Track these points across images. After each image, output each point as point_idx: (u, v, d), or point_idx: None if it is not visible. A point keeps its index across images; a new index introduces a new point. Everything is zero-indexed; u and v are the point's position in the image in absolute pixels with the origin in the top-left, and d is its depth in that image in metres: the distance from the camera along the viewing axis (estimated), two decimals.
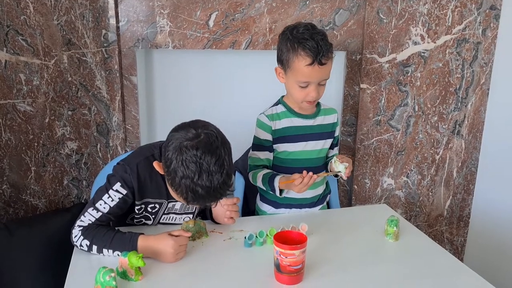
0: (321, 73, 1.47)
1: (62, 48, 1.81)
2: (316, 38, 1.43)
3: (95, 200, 1.33)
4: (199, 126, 1.23)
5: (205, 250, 1.35)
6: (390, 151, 2.16)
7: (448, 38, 2.06)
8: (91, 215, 1.31)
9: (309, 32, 1.45)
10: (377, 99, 2.07)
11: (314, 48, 1.42)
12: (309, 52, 1.43)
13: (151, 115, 2.14)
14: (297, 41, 1.44)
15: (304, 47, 1.43)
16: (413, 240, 1.45)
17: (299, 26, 1.48)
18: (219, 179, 1.18)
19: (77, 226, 1.30)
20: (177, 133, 1.22)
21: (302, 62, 1.44)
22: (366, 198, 2.21)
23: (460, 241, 2.41)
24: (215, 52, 1.99)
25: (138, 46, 1.87)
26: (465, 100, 2.17)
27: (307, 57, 1.43)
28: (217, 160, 1.18)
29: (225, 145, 1.23)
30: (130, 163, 1.35)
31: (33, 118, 1.87)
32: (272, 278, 1.20)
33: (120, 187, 1.33)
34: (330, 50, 1.46)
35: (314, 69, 1.44)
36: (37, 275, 1.69)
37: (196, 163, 1.16)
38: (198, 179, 1.17)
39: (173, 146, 1.20)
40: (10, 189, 1.92)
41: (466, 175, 2.29)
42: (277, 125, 1.59)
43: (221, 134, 1.25)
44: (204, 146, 1.17)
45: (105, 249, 1.26)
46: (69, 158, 1.94)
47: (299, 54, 1.44)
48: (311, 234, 1.40)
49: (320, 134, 1.63)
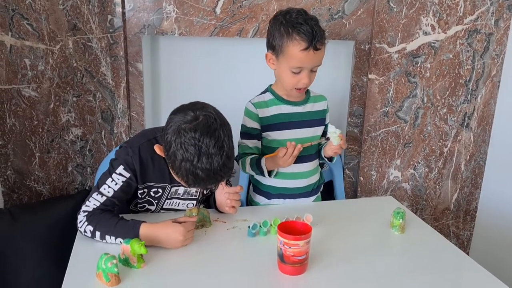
0: (315, 59, 1.46)
1: (67, 33, 1.80)
2: (311, 23, 1.41)
3: (99, 185, 1.33)
4: (197, 108, 1.21)
5: (208, 239, 1.34)
6: (397, 143, 2.14)
7: (460, 29, 2.02)
8: (96, 200, 1.31)
9: (303, 17, 1.43)
10: (385, 90, 2.04)
11: (309, 33, 1.40)
12: (304, 36, 1.40)
13: (156, 102, 2.12)
14: (291, 25, 1.42)
15: (299, 31, 1.41)
16: (419, 233, 1.43)
17: (291, 11, 1.46)
18: (219, 161, 1.17)
19: (82, 211, 1.30)
20: (175, 116, 1.21)
21: (297, 47, 1.42)
22: (372, 190, 2.19)
23: (466, 235, 2.38)
24: (222, 39, 1.96)
25: (144, 32, 1.84)
26: (475, 92, 2.13)
27: (302, 42, 1.41)
28: (216, 142, 1.17)
29: (224, 126, 1.21)
30: (132, 146, 1.35)
31: (37, 104, 1.86)
32: (275, 268, 1.19)
33: (123, 170, 1.32)
34: (324, 36, 1.45)
35: (309, 54, 1.43)
36: (40, 261, 1.69)
37: (195, 146, 1.15)
38: (197, 162, 1.16)
39: (172, 129, 1.19)
40: (14, 175, 1.91)
41: (474, 169, 2.26)
42: (265, 112, 1.59)
43: (220, 116, 1.24)
44: (202, 129, 1.16)
45: (108, 235, 1.25)
46: (74, 145, 1.93)
47: (294, 38, 1.42)
48: (316, 225, 1.38)
49: (309, 121, 1.61)
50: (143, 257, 1.19)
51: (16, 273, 1.65)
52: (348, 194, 2.18)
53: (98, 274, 1.11)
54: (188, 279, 1.15)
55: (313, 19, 1.44)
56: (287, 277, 1.16)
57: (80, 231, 1.30)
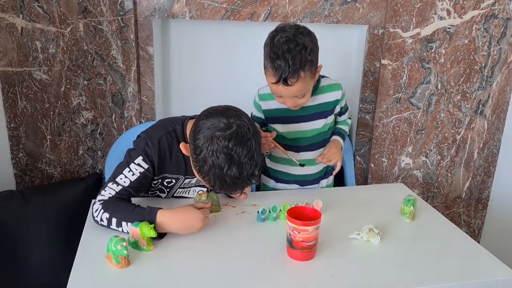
0: (289, 91, 1.40)
1: (78, 16, 1.79)
2: (288, 56, 1.33)
3: (116, 175, 1.31)
4: (231, 115, 1.19)
5: (217, 223, 1.34)
6: (409, 129, 2.11)
7: (476, 14, 1.97)
8: (111, 189, 1.29)
9: (286, 46, 1.34)
10: (398, 76, 2.01)
11: (281, 68, 1.34)
12: (274, 71, 1.36)
13: (167, 86, 2.12)
14: (270, 54, 1.37)
15: (272, 64, 1.36)
16: (429, 220, 1.42)
17: (282, 32, 1.37)
18: (248, 171, 1.17)
19: (97, 200, 1.29)
20: (207, 121, 1.19)
21: (269, 79, 1.41)
22: (383, 177, 2.17)
23: (477, 224, 2.36)
24: (233, 23, 1.94)
25: (154, 15, 1.83)
26: (490, 79, 2.09)
27: (273, 76, 1.38)
28: (248, 153, 1.16)
29: (256, 135, 1.20)
30: (152, 137, 1.33)
31: (49, 87, 1.86)
32: (284, 254, 1.19)
33: (141, 161, 1.31)
34: (302, 69, 1.35)
35: (279, 88, 1.40)
36: (51, 242, 1.71)
37: (227, 155, 1.14)
38: (228, 170, 1.15)
39: (204, 135, 1.17)
40: (26, 157, 1.93)
41: (487, 157, 2.23)
42: (268, 105, 1.58)
43: (252, 124, 1.22)
44: (236, 138, 1.15)
45: (124, 222, 1.23)
46: (85, 128, 1.94)
47: (268, 69, 1.40)
48: (326, 211, 1.37)
49: (315, 114, 1.57)
50: (152, 240, 1.20)
51: (27, 254, 1.67)
52: (359, 180, 2.16)
53: (108, 256, 1.12)
54: (197, 263, 1.15)
55: (296, 48, 1.34)
56: (296, 262, 1.16)
57: (96, 221, 1.28)
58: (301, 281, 1.11)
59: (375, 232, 1.27)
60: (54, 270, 1.69)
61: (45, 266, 1.70)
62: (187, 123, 1.36)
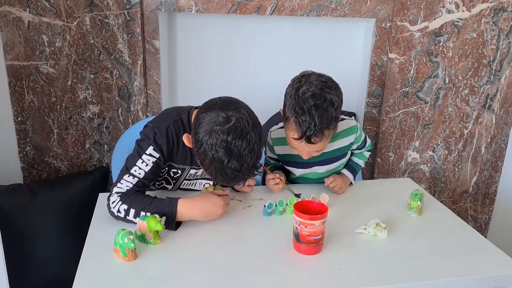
0: (310, 148, 1.33)
1: (84, 10, 1.79)
2: (314, 113, 1.26)
3: (129, 167, 1.30)
4: (230, 108, 1.18)
5: (224, 217, 1.34)
6: (416, 124, 2.10)
7: (485, 7, 1.95)
8: (128, 182, 1.29)
9: (313, 101, 1.26)
10: (405, 70, 2.00)
11: (306, 125, 1.27)
12: (298, 127, 1.28)
13: (173, 80, 2.11)
14: (295, 107, 1.28)
15: (296, 119, 1.28)
16: (437, 215, 1.41)
17: (308, 84, 1.29)
18: (249, 163, 1.17)
19: (115, 193, 1.28)
20: (207, 115, 1.19)
21: (290, 133, 1.33)
22: (389, 171, 2.16)
23: (484, 218, 2.35)
24: (239, 17, 1.93)
25: (160, 9, 1.82)
26: (498, 73, 2.07)
27: (295, 132, 1.30)
28: (247, 145, 1.15)
29: (256, 128, 1.19)
30: (160, 126, 1.33)
31: (55, 81, 1.86)
32: (290, 248, 1.18)
33: (153, 151, 1.31)
34: (327, 128, 1.29)
35: (301, 144, 1.32)
36: (58, 235, 1.72)
37: (226, 149, 1.14)
38: (228, 163, 1.15)
39: (204, 129, 1.17)
40: (33, 151, 1.94)
41: (495, 152, 2.22)
42: (282, 150, 1.53)
43: (252, 117, 1.21)
44: (234, 132, 1.15)
45: (143, 212, 1.23)
46: (91, 122, 1.94)
47: (290, 123, 1.31)
48: (332, 205, 1.37)
49: (330, 159, 1.52)
50: (159, 233, 1.20)
51: (34, 247, 1.68)
52: (365, 175, 2.15)
53: (115, 249, 1.12)
54: (203, 257, 1.15)
55: (323, 105, 1.26)
56: (302, 256, 1.16)
57: (111, 212, 1.27)
58: (307, 275, 1.11)
59: (382, 226, 1.27)
60: (62, 263, 1.70)
61: (53, 259, 1.71)
62: (193, 112, 1.35)
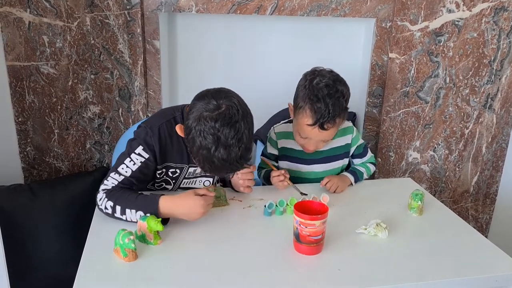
0: (322, 135, 1.43)
1: (85, 10, 1.79)
2: (328, 101, 1.36)
3: (117, 165, 1.33)
4: (221, 96, 1.19)
5: (224, 217, 1.34)
6: (417, 124, 2.10)
7: (485, 6, 1.94)
8: (114, 179, 1.31)
9: (326, 90, 1.38)
10: (406, 70, 2.00)
11: (320, 112, 1.37)
12: (313, 114, 1.38)
13: (173, 80, 2.11)
14: (309, 96, 1.39)
15: (311, 106, 1.38)
16: (437, 215, 1.41)
17: (321, 77, 1.41)
18: (237, 153, 1.16)
19: (101, 190, 1.30)
20: (199, 102, 1.20)
21: (305, 119, 1.41)
22: (390, 171, 2.16)
23: (485, 218, 2.35)
24: (240, 17, 1.93)
25: (161, 9, 1.82)
26: (499, 72, 2.07)
27: (310, 118, 1.39)
28: (235, 134, 1.15)
29: (246, 118, 1.19)
30: (152, 126, 1.34)
31: (56, 81, 1.86)
32: (291, 248, 1.18)
33: (142, 151, 1.32)
34: (339, 116, 1.40)
35: (313, 130, 1.41)
36: (59, 236, 1.72)
37: (213, 135, 1.14)
38: (215, 151, 1.15)
39: (194, 115, 1.18)
40: (34, 151, 1.94)
41: (495, 151, 2.21)
42: (285, 143, 1.60)
43: (243, 107, 1.21)
44: (223, 119, 1.15)
45: (128, 209, 1.24)
46: (92, 122, 1.94)
47: (305, 110, 1.40)
48: (332, 206, 1.37)
49: (327, 158, 1.60)
50: (159, 234, 1.20)
51: (35, 247, 1.68)
52: None
53: (115, 250, 1.12)
54: (203, 257, 1.15)
55: (335, 94, 1.38)
56: (303, 256, 1.16)
57: (100, 209, 1.29)
58: (307, 275, 1.11)
59: (382, 226, 1.27)
60: (62, 263, 1.70)
61: (53, 259, 1.71)
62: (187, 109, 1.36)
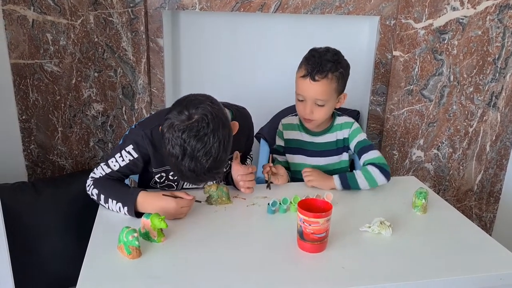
0: (313, 90, 1.50)
1: (88, 8, 1.79)
2: (322, 58, 1.50)
3: (109, 156, 1.39)
4: (196, 106, 1.17)
5: (227, 215, 1.34)
6: (421, 122, 2.09)
7: (490, 4, 1.93)
8: (103, 169, 1.38)
9: (323, 51, 1.53)
10: (410, 68, 1.99)
11: (313, 64, 1.49)
12: (306, 65, 1.51)
13: (177, 78, 2.11)
14: (307, 56, 1.54)
15: (306, 60, 1.53)
16: (441, 213, 1.40)
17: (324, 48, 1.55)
18: (204, 165, 1.15)
19: (90, 177, 1.40)
20: (174, 109, 1.19)
21: (299, 73, 1.54)
22: (394, 170, 2.15)
23: (489, 217, 2.34)
24: (243, 15, 1.93)
25: (164, 7, 1.82)
26: (503, 70, 2.06)
27: (304, 69, 1.52)
28: (203, 147, 1.14)
29: (217, 131, 1.15)
30: (145, 128, 1.36)
31: (59, 79, 1.86)
32: (294, 246, 1.18)
33: (132, 150, 1.36)
34: (331, 71, 1.49)
35: (305, 83, 1.50)
36: (62, 233, 1.72)
37: (180, 146, 1.14)
38: (181, 160, 1.15)
39: (167, 122, 1.18)
40: (37, 149, 1.94)
41: (499, 150, 2.21)
42: (288, 135, 1.69)
43: (216, 119, 1.16)
44: (190, 131, 1.14)
45: (110, 199, 1.31)
46: (95, 120, 1.95)
47: (301, 66, 1.54)
48: (336, 204, 1.37)
49: (322, 151, 1.65)
50: (163, 231, 1.20)
51: (38, 245, 1.69)
52: None
53: (119, 247, 1.12)
54: (207, 255, 1.15)
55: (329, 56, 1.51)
56: (306, 254, 1.16)
57: (89, 194, 1.38)
58: (311, 273, 1.11)
59: (386, 224, 1.26)
60: (66, 261, 1.70)
61: (57, 257, 1.71)
62: None
